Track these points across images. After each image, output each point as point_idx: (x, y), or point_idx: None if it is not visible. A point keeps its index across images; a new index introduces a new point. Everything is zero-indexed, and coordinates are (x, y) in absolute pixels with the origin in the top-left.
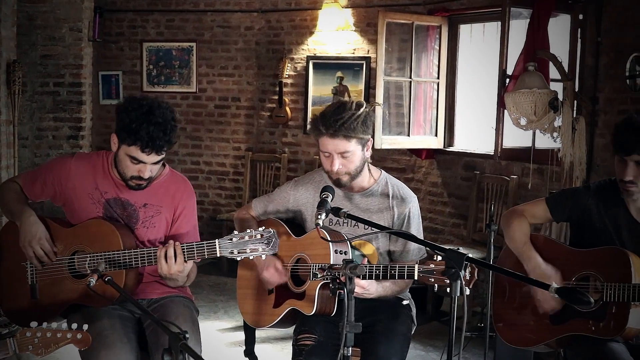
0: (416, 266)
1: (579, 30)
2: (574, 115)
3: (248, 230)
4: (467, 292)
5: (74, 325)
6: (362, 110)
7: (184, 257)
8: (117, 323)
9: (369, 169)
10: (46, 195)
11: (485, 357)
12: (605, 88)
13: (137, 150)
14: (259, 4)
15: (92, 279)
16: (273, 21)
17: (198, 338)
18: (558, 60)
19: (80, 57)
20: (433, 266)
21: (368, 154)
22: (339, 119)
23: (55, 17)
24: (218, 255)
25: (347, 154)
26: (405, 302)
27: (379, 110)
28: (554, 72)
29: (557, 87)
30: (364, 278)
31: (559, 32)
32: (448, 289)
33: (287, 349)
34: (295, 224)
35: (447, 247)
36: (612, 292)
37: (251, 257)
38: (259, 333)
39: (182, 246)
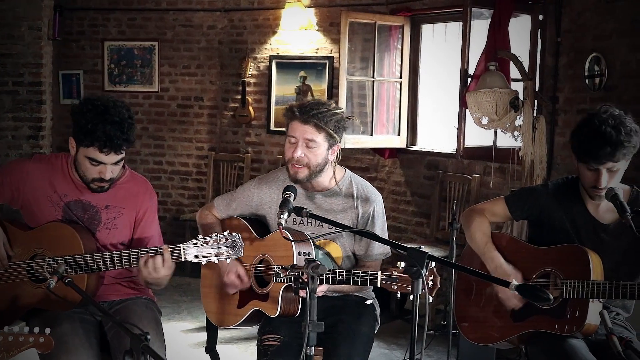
0: (379, 273)
1: (539, 30)
2: (535, 115)
3: (213, 234)
4: (431, 300)
5: (36, 329)
6: (339, 111)
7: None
8: (78, 327)
9: (334, 171)
10: (3, 199)
11: (448, 355)
12: (565, 88)
13: (96, 151)
14: (222, 3)
15: (51, 281)
16: (236, 20)
17: (162, 340)
18: (519, 60)
19: (40, 55)
20: (396, 273)
21: (332, 157)
22: (315, 108)
23: (14, 15)
24: (183, 259)
25: (313, 144)
26: (368, 302)
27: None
28: (514, 72)
29: (518, 86)
30: (326, 282)
31: (519, 32)
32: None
33: (251, 349)
34: (259, 223)
35: (409, 246)
36: (572, 289)
37: (216, 262)
38: (224, 333)
39: (146, 250)
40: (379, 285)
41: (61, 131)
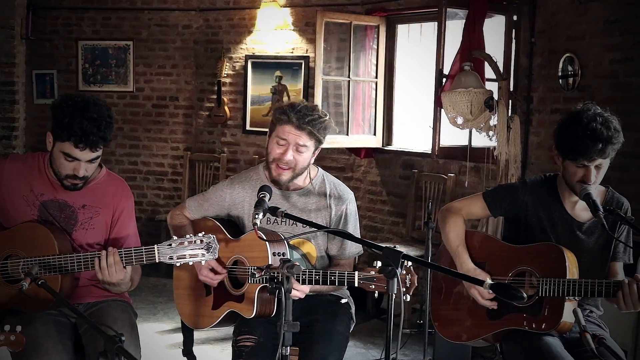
0: (356, 273)
1: (514, 31)
2: (509, 114)
3: (187, 236)
4: (408, 299)
5: (7, 327)
6: (327, 118)
7: (122, 264)
8: (52, 329)
9: (309, 170)
10: None
11: (424, 353)
12: (539, 87)
13: (71, 146)
14: (197, 3)
15: (24, 283)
16: (211, 20)
17: (137, 342)
18: (493, 60)
19: (12, 55)
20: (373, 273)
21: (313, 160)
22: (310, 114)
23: None
24: (157, 261)
25: (303, 149)
26: (343, 301)
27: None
28: (489, 72)
29: (493, 86)
30: (303, 282)
31: (494, 32)
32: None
33: (227, 349)
34: (232, 224)
35: (384, 245)
36: (548, 287)
37: (190, 263)
38: (199, 334)
39: (119, 252)
40: (356, 285)
41: (35, 131)
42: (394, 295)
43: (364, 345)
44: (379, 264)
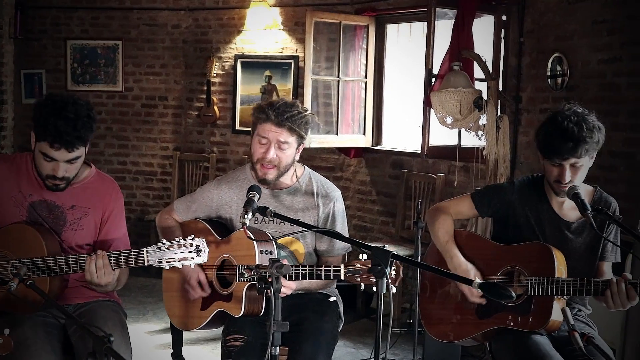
0: (342, 266)
1: (502, 31)
2: (498, 114)
3: (177, 239)
4: (394, 290)
5: None
6: (307, 112)
7: (111, 266)
8: (41, 331)
9: (295, 168)
10: None
11: (414, 353)
12: (528, 87)
13: (47, 145)
14: (186, 2)
15: (13, 283)
16: (200, 19)
17: (127, 342)
18: (482, 60)
19: (1, 54)
20: (359, 265)
21: (297, 156)
22: (289, 111)
23: None
24: (146, 264)
25: (285, 146)
26: (332, 299)
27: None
28: (478, 72)
29: (482, 86)
30: (290, 278)
31: (483, 32)
32: (374, 288)
33: (217, 350)
34: (220, 224)
35: (373, 245)
36: (536, 286)
37: (180, 267)
38: (189, 334)
39: (108, 254)
40: (342, 277)
41: (23, 131)
42: (382, 294)
43: (354, 345)
44: (365, 256)
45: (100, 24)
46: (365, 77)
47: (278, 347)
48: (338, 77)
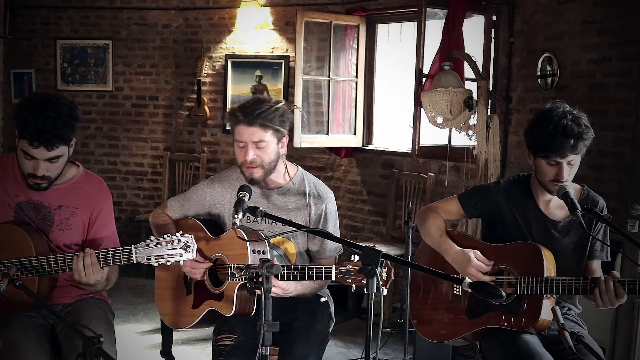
0: (333, 267)
1: (493, 30)
2: (488, 114)
3: (165, 235)
4: (385, 292)
5: None
6: (280, 104)
7: (100, 264)
8: (30, 331)
9: (286, 166)
10: None
11: (405, 352)
12: (518, 87)
13: (26, 143)
14: (177, 2)
15: (2, 284)
16: (191, 19)
17: (113, 340)
18: (472, 60)
19: None
20: (350, 267)
21: (283, 150)
22: (257, 108)
23: None
24: (135, 261)
25: (262, 144)
26: (323, 299)
27: (297, 112)
28: (468, 72)
29: (472, 86)
30: (282, 279)
31: (473, 32)
32: (365, 289)
33: (207, 350)
34: (213, 223)
35: (364, 245)
36: (526, 285)
37: (169, 263)
38: (180, 334)
39: (97, 252)
40: (333, 279)
41: (12, 131)
42: (373, 294)
43: (345, 345)
44: (356, 258)
45: (90, 23)
46: (356, 77)
47: (269, 347)
48: (329, 77)
